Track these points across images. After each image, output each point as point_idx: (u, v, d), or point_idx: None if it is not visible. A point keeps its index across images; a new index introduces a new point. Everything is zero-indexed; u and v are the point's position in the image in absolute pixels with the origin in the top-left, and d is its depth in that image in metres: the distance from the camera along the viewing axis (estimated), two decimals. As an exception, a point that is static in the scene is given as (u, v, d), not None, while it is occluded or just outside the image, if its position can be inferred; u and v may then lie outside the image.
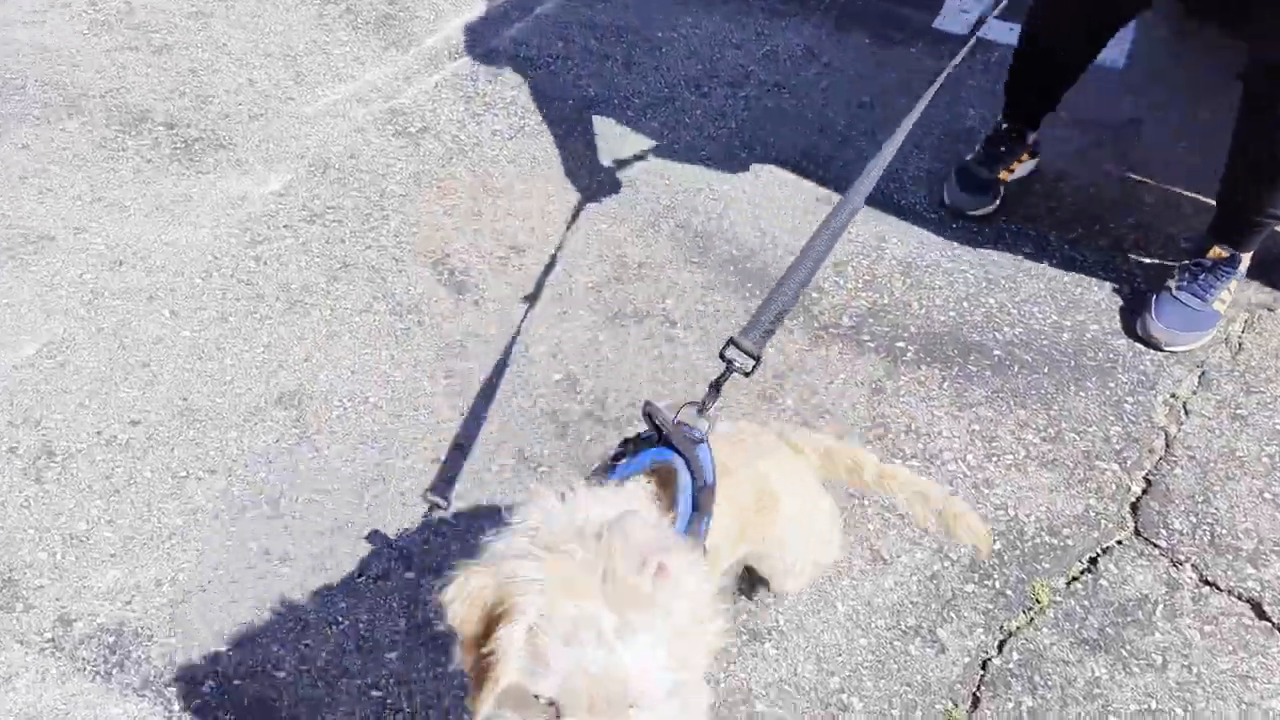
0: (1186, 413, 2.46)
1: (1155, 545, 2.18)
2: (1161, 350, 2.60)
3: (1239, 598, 2.08)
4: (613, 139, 3.30)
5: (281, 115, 3.41)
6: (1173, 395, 2.51)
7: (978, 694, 1.93)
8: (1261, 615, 2.05)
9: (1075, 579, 2.12)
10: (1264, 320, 2.71)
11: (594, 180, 3.15)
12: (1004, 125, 3.11)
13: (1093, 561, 2.15)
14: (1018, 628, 2.03)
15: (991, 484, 2.29)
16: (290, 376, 2.53)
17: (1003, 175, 3.09)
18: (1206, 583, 2.11)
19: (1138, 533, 2.20)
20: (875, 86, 3.60)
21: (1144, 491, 2.29)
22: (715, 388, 1.47)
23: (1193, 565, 2.14)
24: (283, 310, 2.71)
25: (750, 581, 2.05)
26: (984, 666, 1.97)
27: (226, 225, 2.97)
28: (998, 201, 3.05)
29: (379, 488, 2.28)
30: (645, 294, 2.77)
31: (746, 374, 1.47)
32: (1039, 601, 2.07)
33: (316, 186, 3.11)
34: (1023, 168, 3.14)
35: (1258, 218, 2.58)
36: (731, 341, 1.46)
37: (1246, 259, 2.69)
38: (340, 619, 2.05)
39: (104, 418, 2.43)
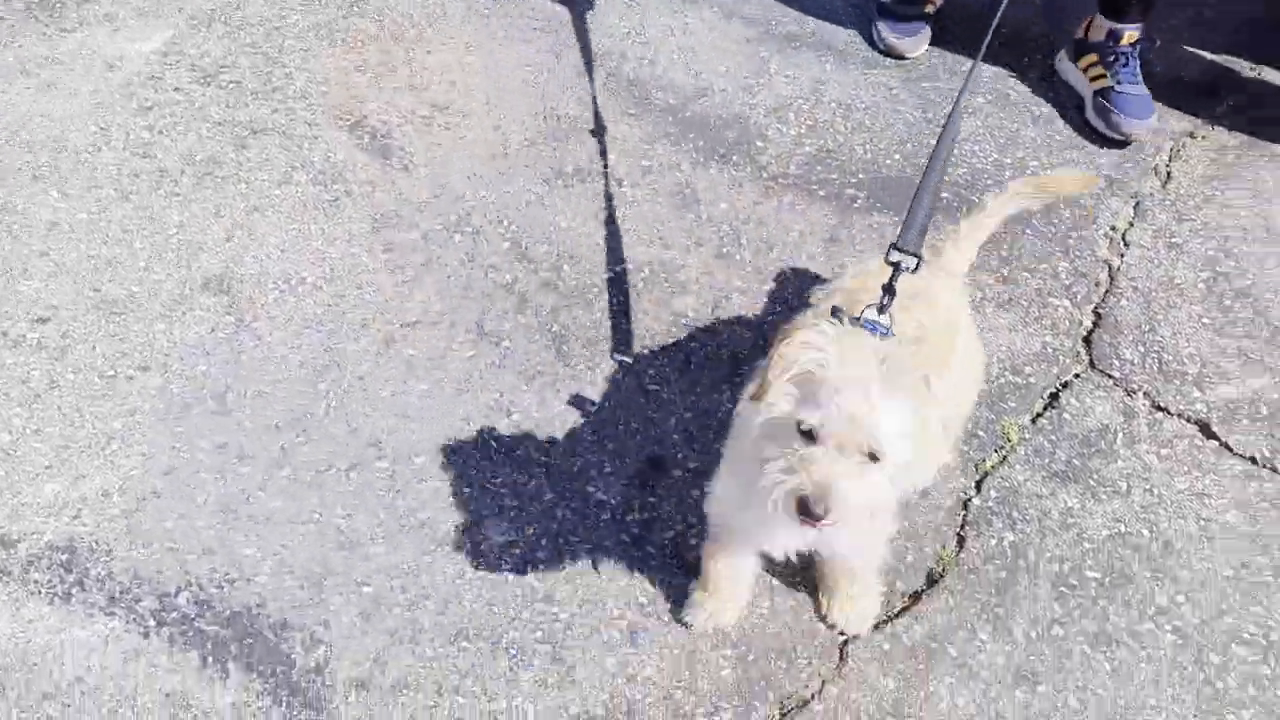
0: (1126, 244, 2.49)
1: (1109, 376, 2.23)
2: (1145, 140, 2.69)
3: (1189, 420, 2.16)
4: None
5: (147, -38, 3.00)
6: (1112, 228, 2.53)
7: (962, 534, 1.96)
8: (1210, 435, 2.14)
9: (1040, 415, 2.16)
10: (1189, 148, 2.75)
11: (511, 26, 2.90)
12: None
13: (1054, 397, 2.19)
14: (992, 467, 2.07)
15: (953, 327, 2.28)
16: (213, 259, 2.30)
17: (928, 9, 2.99)
18: (1159, 408, 2.18)
19: (1092, 365, 2.25)
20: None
21: (1094, 325, 2.33)
22: (888, 289, 1.56)
23: (1145, 393, 2.20)
24: (191, 185, 2.44)
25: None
26: (965, 507, 2.00)
27: (108, 91, 2.63)
28: (929, 39, 2.96)
29: (334, 374, 2.12)
30: (585, 150, 2.60)
31: (913, 270, 1.59)
32: (1009, 440, 2.11)
33: (203, 43, 2.77)
34: (939, -3, 3.04)
35: None
36: (894, 246, 1.60)
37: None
38: (315, 515, 1.93)
39: (6, 316, 2.17)
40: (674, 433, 2.08)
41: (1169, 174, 2.68)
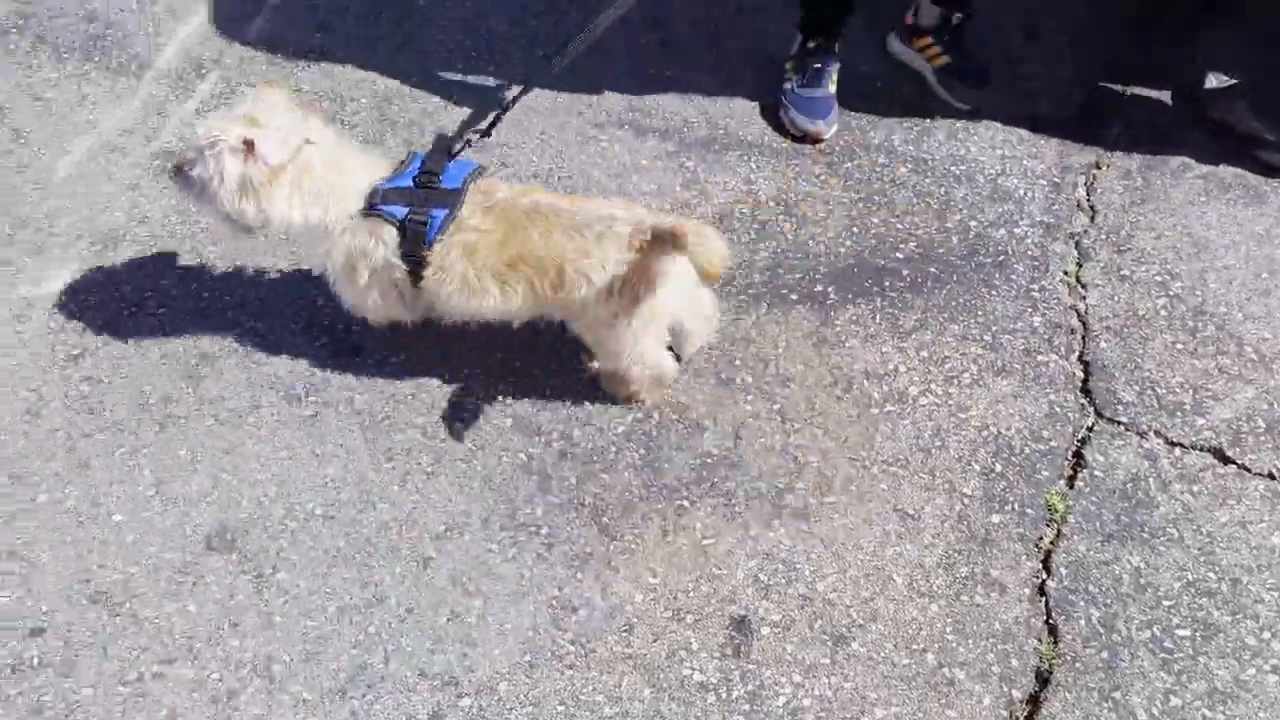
0: (1084, 286, 2.54)
1: (1119, 423, 2.25)
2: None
3: (1203, 450, 2.20)
4: (451, 127, 2.88)
5: (22, 190, 2.70)
6: (1065, 273, 2.58)
7: (1051, 622, 1.92)
8: (1226, 460, 2.18)
9: (1073, 477, 2.15)
10: (1099, 179, 2.84)
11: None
12: (810, 44, 3.00)
13: (1078, 456, 2.19)
14: (1052, 543, 2.04)
15: (966, 408, 2.27)
16: (206, 514, 2.05)
17: (831, 90, 3.00)
18: (1173, 444, 2.21)
19: (1100, 414, 2.26)
20: (668, 18, 3.37)
21: (1086, 374, 2.35)
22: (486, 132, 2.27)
23: (1155, 432, 2.23)
24: (153, 434, 2.18)
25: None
26: (1043, 591, 1.97)
27: (26, 346, 2.33)
28: (838, 114, 2.97)
29: (380, 613, 1.92)
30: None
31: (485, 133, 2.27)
32: (1056, 510, 2.09)
33: (115, 269, 2.51)
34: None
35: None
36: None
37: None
38: (412, 781, 1.71)
39: (-11, 638, 1.87)
40: (746, 586, 1.97)
41: (1093, 208, 2.75)
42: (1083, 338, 2.42)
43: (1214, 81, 2.98)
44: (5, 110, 2.93)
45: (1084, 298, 2.51)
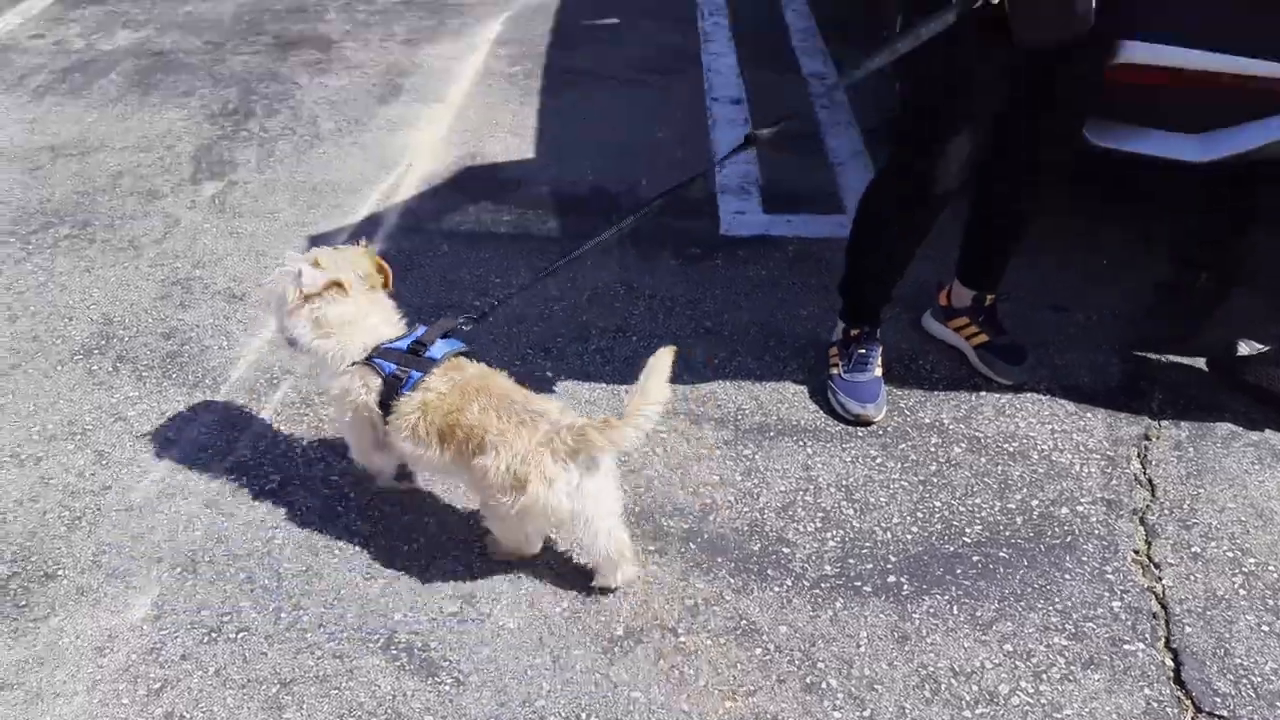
0: (1157, 567, 2.56)
1: (1220, 717, 2.20)
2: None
3: (1312, 745, 2.14)
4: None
5: (106, 514, 2.81)
6: (1135, 551, 2.61)
7: None
8: (1339, 755, 2.12)
9: (1185, 783, 2.09)
10: (1151, 452, 2.92)
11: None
12: (852, 331, 3.18)
13: (1186, 757, 2.14)
14: None
15: (1059, 706, 2.24)
16: None
17: (877, 373, 3.15)
18: (1280, 739, 2.16)
19: (1199, 709, 2.22)
20: (709, 307, 3.60)
21: (1176, 663, 2.33)
22: (478, 319, 2.70)
23: (1260, 726, 2.18)
24: (236, 775, 2.16)
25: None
26: None
27: (107, 682, 2.35)
28: (886, 396, 3.11)
29: None
30: (626, 605, 2.50)
31: (477, 320, 2.71)
32: (1174, 822, 2.02)
33: (195, 593, 2.56)
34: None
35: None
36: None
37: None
38: None
39: None
40: None
41: (1151, 482, 2.82)
42: (1166, 623, 2.42)
43: (1246, 349, 3.12)
44: (89, 432, 3.09)
45: (1159, 579, 2.53)
